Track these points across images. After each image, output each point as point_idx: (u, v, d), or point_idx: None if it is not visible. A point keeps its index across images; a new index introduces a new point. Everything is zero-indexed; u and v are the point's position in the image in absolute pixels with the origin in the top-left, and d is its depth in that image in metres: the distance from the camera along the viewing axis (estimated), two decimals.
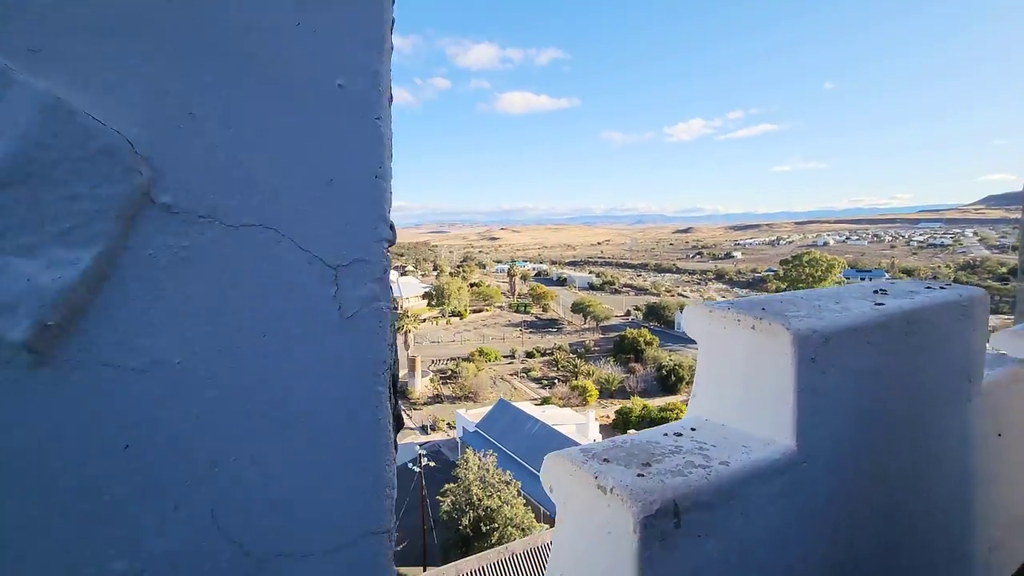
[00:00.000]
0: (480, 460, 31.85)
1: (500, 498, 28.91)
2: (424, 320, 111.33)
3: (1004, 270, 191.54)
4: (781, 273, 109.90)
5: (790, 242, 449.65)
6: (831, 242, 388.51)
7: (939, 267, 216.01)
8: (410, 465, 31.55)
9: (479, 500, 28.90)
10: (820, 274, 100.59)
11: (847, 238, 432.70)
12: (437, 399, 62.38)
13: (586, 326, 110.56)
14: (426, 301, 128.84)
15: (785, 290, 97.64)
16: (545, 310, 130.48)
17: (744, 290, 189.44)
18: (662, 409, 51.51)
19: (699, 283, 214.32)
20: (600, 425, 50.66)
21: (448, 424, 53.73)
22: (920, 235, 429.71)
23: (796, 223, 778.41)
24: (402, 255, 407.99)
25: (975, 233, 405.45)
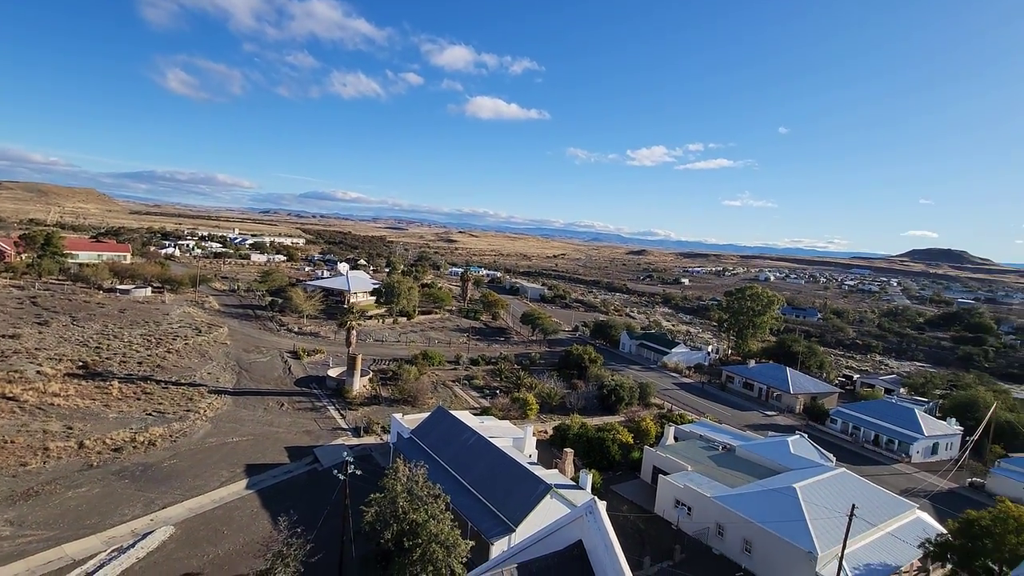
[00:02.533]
0: (410, 470, 30.56)
1: (427, 512, 27.72)
2: (371, 317, 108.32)
3: (921, 320, 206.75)
4: (724, 304, 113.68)
5: (735, 273, 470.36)
6: (772, 278, 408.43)
7: (865, 312, 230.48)
8: (335, 472, 29.87)
9: (404, 513, 27.61)
10: (760, 308, 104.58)
11: (787, 275, 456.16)
12: (375, 400, 60.32)
13: (534, 338, 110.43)
14: (375, 298, 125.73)
15: (727, 319, 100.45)
16: (495, 318, 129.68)
17: (689, 316, 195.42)
18: (600, 428, 51.60)
19: (647, 304, 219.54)
20: (537, 440, 50.17)
21: (383, 428, 51.90)
22: (851, 279, 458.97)
23: (742, 256, 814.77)
24: (356, 248, 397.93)
25: (899, 283, 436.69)
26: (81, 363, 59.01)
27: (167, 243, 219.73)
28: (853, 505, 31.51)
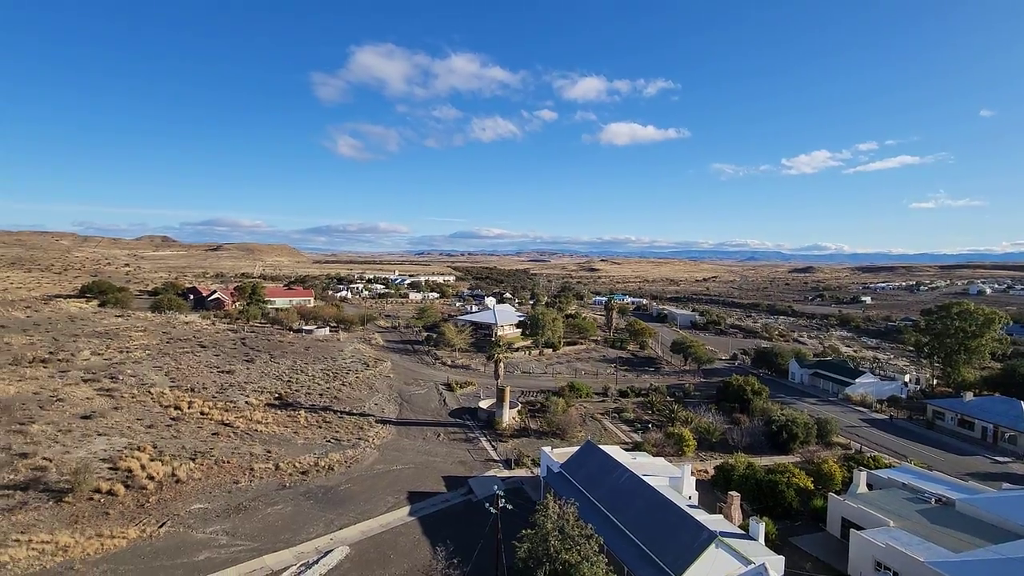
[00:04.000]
0: (561, 507, 29.95)
1: (579, 553, 26.80)
2: (517, 349, 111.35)
3: None
4: (923, 324, 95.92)
5: (933, 288, 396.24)
6: (987, 291, 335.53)
7: None
8: (488, 505, 30.43)
9: (556, 552, 27.01)
10: (974, 329, 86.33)
11: (1008, 287, 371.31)
12: (524, 432, 61.15)
13: (686, 368, 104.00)
14: (520, 330, 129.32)
15: (928, 344, 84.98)
16: (643, 347, 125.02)
17: (874, 340, 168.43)
18: (770, 470, 45.99)
19: (819, 328, 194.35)
20: (696, 481, 46.28)
21: (533, 461, 52.16)
22: None
23: (941, 267, 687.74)
24: (501, 282, 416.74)
25: None
26: (277, 395, 69.01)
27: (341, 287, 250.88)
28: None
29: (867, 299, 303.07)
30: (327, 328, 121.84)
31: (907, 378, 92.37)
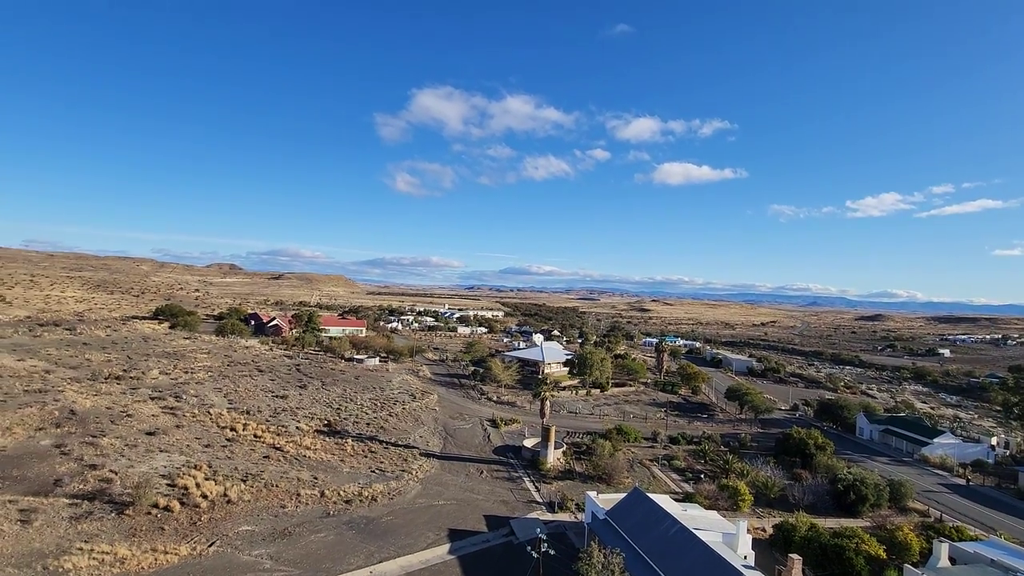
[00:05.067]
0: (606, 557, 28.75)
1: None
2: (564, 388, 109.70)
3: None
4: (1011, 382, 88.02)
5: (1022, 343, 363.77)
6: None
7: None
8: (529, 548, 29.64)
9: None
10: None
11: None
12: (569, 474, 59.56)
13: (742, 416, 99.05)
14: (568, 369, 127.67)
15: (1018, 403, 77.83)
16: (695, 392, 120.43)
17: (955, 397, 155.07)
18: (836, 534, 42.54)
19: (890, 381, 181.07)
20: (753, 540, 43.37)
21: (577, 505, 50.53)
22: None
23: None
24: (549, 319, 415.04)
25: None
26: (326, 422, 70.59)
27: (392, 318, 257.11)
28: None
29: (945, 352, 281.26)
30: (377, 358, 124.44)
31: (994, 441, 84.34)
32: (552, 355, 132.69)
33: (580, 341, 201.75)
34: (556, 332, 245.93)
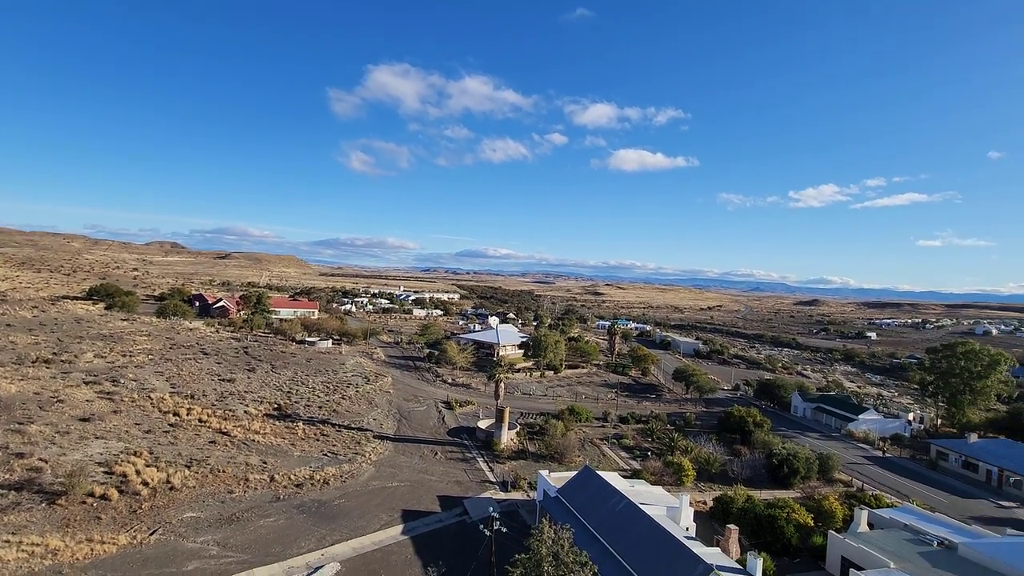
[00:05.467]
0: (556, 533, 29.55)
1: None
2: (519, 370, 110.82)
3: None
4: (927, 363, 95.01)
5: (939, 326, 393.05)
6: (994, 331, 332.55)
7: None
8: (482, 527, 30.08)
9: None
10: (980, 370, 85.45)
11: (1015, 328, 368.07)
12: (522, 454, 60.54)
13: (688, 396, 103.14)
14: (522, 351, 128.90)
15: (932, 382, 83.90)
16: (644, 374, 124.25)
17: (879, 376, 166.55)
18: (770, 504, 45.26)
19: (823, 362, 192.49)
20: (695, 512, 45.58)
21: (530, 484, 51.54)
22: None
23: (947, 306, 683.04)
24: (505, 302, 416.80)
25: None
26: (276, 406, 68.82)
27: (346, 300, 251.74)
28: None
29: (872, 335, 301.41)
30: (330, 341, 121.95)
31: (911, 416, 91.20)
32: (507, 338, 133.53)
33: (535, 324, 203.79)
34: (512, 315, 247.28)
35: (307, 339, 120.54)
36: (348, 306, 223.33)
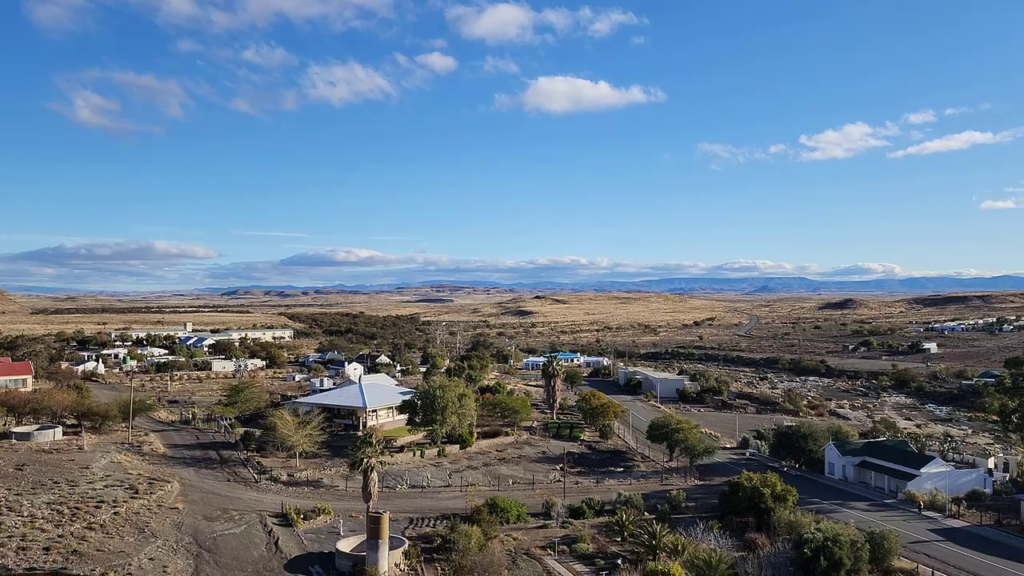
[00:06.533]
0: None
1: None
2: (401, 449, 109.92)
3: None
4: (1008, 381, 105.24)
5: (1021, 326, 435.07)
6: None
7: None
8: None
9: None
10: None
11: None
12: None
13: (672, 464, 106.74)
14: (406, 416, 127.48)
15: (1017, 410, 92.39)
16: (604, 435, 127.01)
17: (945, 407, 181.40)
18: None
19: (866, 393, 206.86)
20: None
21: None
22: None
23: None
24: (373, 338, 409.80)
25: None
26: None
27: (86, 355, 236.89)
28: None
29: (932, 346, 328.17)
30: (59, 428, 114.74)
31: (991, 463, 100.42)
32: (379, 397, 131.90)
33: (424, 371, 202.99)
34: (384, 358, 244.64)
35: (13, 430, 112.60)
36: (92, 365, 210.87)
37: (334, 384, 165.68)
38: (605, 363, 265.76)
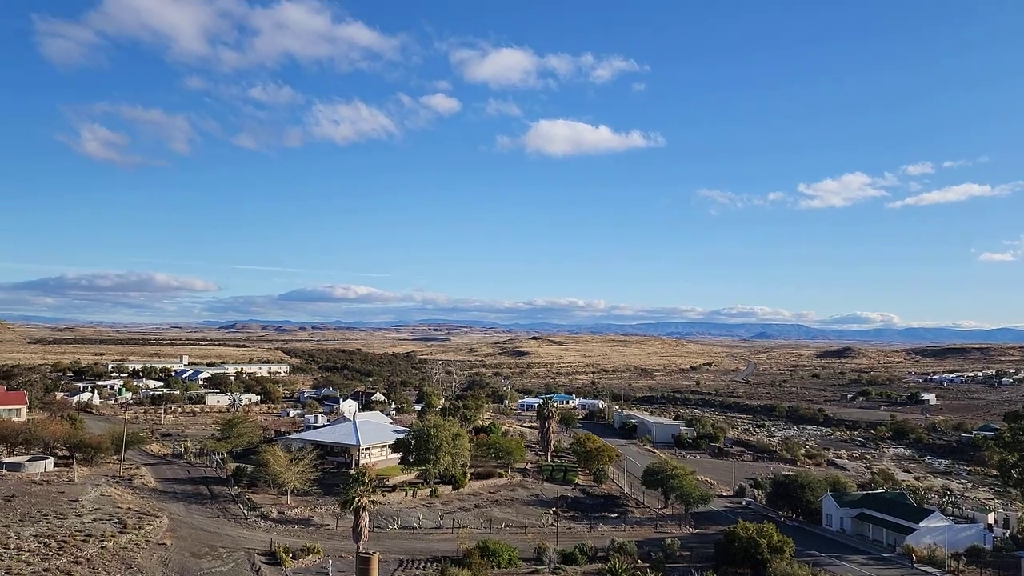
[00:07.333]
0: None
1: None
2: (394, 488, 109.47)
3: None
4: (1008, 435, 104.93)
5: (1021, 380, 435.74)
6: None
7: None
8: None
9: None
10: None
11: None
12: None
13: (667, 511, 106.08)
14: (399, 455, 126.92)
15: (1016, 464, 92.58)
16: (599, 479, 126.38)
17: (943, 460, 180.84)
18: None
19: (864, 443, 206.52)
20: None
21: None
22: None
23: None
24: (369, 375, 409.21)
25: None
26: None
27: (81, 385, 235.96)
28: None
29: (931, 398, 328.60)
30: (51, 460, 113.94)
31: (991, 518, 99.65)
32: (373, 435, 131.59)
33: (419, 410, 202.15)
34: (380, 396, 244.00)
35: (5, 460, 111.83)
36: (86, 396, 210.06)
37: (328, 421, 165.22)
38: (600, 406, 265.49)
